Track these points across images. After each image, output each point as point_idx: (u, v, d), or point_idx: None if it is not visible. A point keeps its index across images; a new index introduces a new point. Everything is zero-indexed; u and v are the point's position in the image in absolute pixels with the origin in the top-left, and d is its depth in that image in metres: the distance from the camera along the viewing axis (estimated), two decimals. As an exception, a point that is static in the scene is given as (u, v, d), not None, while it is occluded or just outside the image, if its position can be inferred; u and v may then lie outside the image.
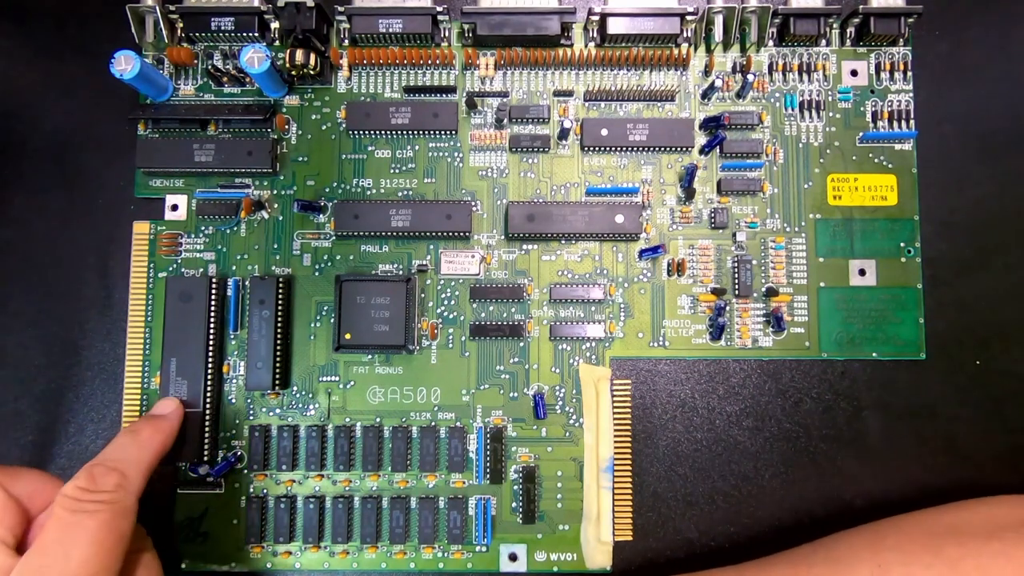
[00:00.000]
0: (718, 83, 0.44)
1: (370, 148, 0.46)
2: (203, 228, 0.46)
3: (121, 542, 0.34)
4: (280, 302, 0.44)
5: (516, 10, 0.44)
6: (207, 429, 0.43)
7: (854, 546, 0.38)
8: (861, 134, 0.46)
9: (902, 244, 0.46)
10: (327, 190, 0.46)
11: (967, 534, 0.36)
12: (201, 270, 0.45)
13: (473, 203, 0.46)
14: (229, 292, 0.45)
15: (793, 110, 0.46)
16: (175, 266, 0.45)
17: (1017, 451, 0.45)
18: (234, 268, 0.45)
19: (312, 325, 0.45)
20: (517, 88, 0.46)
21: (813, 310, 0.45)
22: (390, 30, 0.44)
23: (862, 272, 0.45)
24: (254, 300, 0.44)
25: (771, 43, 0.47)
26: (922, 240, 0.46)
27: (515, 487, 0.44)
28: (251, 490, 0.44)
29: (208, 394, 0.43)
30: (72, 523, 0.32)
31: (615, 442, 0.43)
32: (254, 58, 0.42)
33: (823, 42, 0.47)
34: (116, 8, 0.45)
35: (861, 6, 0.45)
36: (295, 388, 0.44)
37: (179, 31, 0.46)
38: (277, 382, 0.43)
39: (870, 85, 0.47)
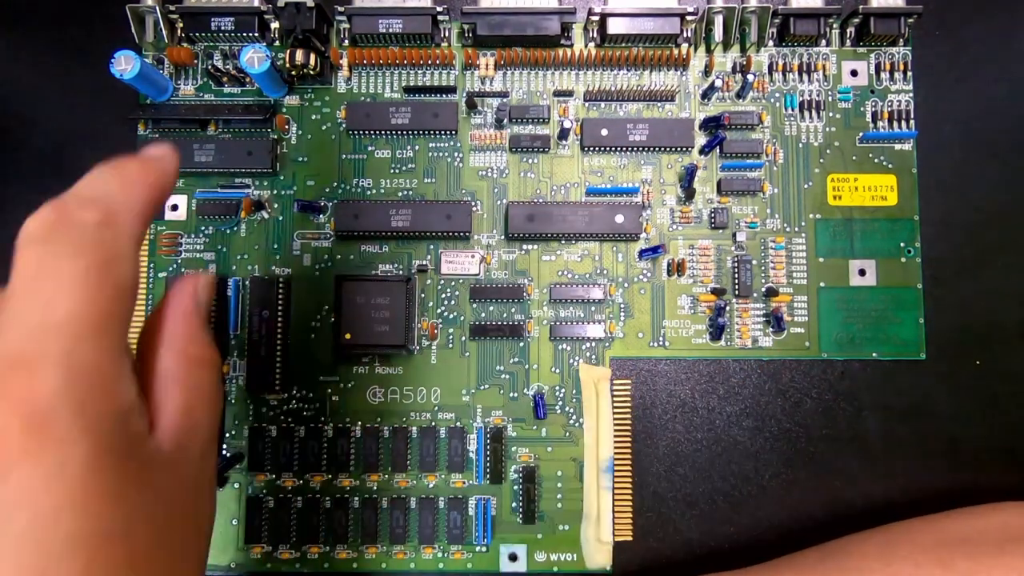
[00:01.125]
0: (718, 83, 0.44)
1: (370, 148, 0.46)
2: (203, 228, 0.46)
3: (124, 295, 0.24)
4: (280, 302, 0.44)
5: (516, 10, 0.44)
6: (207, 429, 0.43)
7: (865, 555, 0.38)
8: (861, 134, 0.46)
9: (902, 244, 0.46)
10: (327, 190, 0.46)
11: (979, 545, 0.36)
12: (201, 270, 0.45)
13: (473, 203, 0.46)
14: (229, 292, 0.45)
15: (793, 110, 0.46)
16: (175, 266, 0.45)
17: (1017, 451, 0.45)
18: (234, 268, 0.45)
19: (312, 325, 0.45)
20: (517, 88, 0.46)
21: (813, 310, 0.45)
22: (390, 30, 0.44)
23: (862, 272, 0.45)
24: (254, 300, 0.44)
25: (771, 43, 0.47)
26: (922, 240, 0.46)
27: (515, 487, 0.44)
28: (251, 490, 0.44)
29: (208, 394, 0.43)
30: (48, 265, 0.23)
31: (615, 442, 0.43)
32: (254, 58, 0.42)
33: (823, 42, 0.47)
34: (116, 8, 0.45)
35: (861, 6, 0.45)
36: (295, 388, 0.44)
37: (179, 31, 0.46)
38: (277, 382, 0.43)
39: (870, 85, 0.47)
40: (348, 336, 0.43)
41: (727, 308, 0.45)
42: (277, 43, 0.46)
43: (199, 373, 0.28)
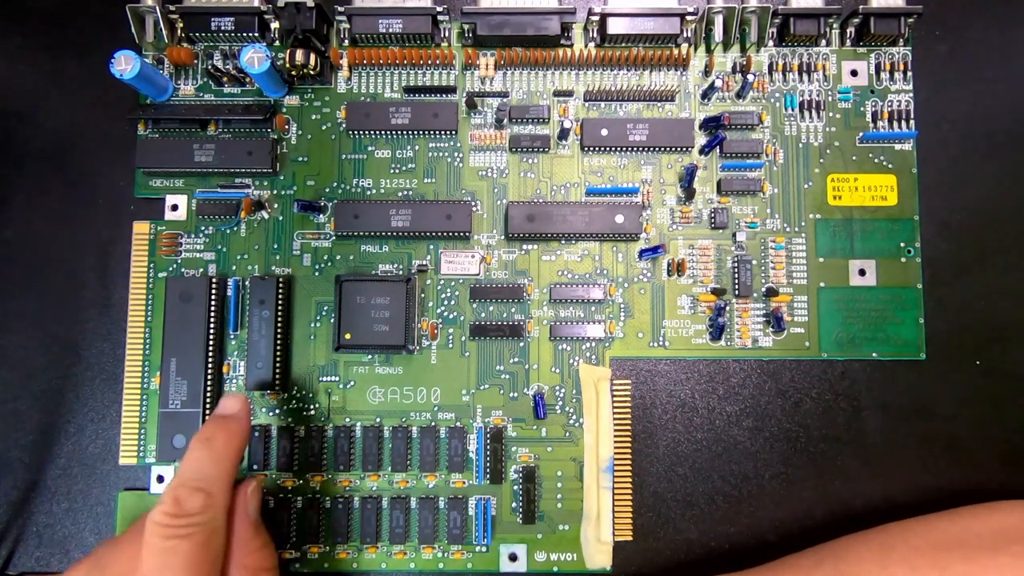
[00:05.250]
0: (718, 83, 0.44)
1: (370, 148, 0.46)
2: (203, 228, 0.46)
3: (216, 561, 0.34)
4: (280, 302, 0.44)
5: (516, 10, 0.44)
6: (207, 429, 0.43)
7: (861, 558, 0.38)
8: (861, 134, 0.46)
9: (902, 244, 0.46)
10: (327, 190, 0.46)
11: (975, 548, 0.36)
12: (201, 270, 0.45)
13: (473, 203, 0.46)
14: (229, 292, 0.45)
15: (793, 110, 0.46)
16: (175, 266, 0.45)
17: (1017, 451, 0.45)
18: (234, 268, 0.45)
19: (312, 325, 0.45)
20: (517, 88, 0.46)
21: (813, 310, 0.45)
22: (390, 30, 0.44)
23: (862, 272, 0.45)
24: (254, 300, 0.44)
25: (771, 43, 0.47)
26: (922, 240, 0.46)
27: (515, 487, 0.44)
28: (251, 490, 0.44)
29: (208, 394, 0.43)
30: (167, 549, 0.32)
31: (615, 442, 0.43)
32: (254, 58, 0.42)
33: (823, 42, 0.47)
34: (116, 8, 0.45)
35: (861, 6, 0.45)
36: (295, 388, 0.44)
37: (179, 31, 0.46)
38: (277, 382, 0.43)
39: (870, 85, 0.47)
40: (348, 336, 0.43)
41: (727, 308, 0.45)
42: (277, 43, 0.46)
43: None
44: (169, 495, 0.34)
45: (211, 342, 0.43)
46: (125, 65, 0.42)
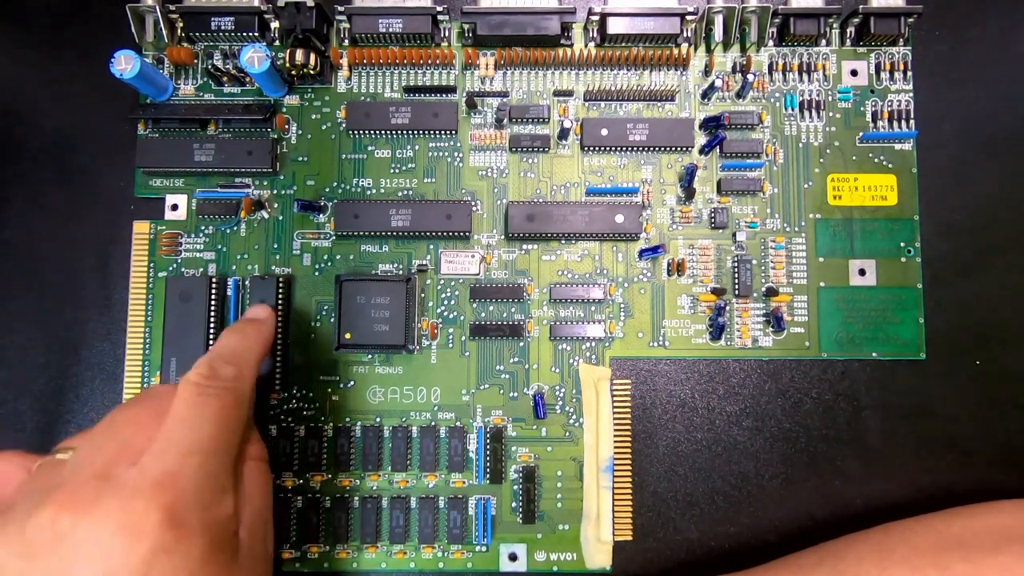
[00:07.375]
0: (718, 83, 0.44)
1: (370, 148, 0.46)
2: (203, 228, 0.46)
3: (240, 426, 0.35)
4: (280, 302, 0.44)
5: (516, 10, 0.44)
6: (207, 429, 0.43)
7: (861, 558, 0.38)
8: (861, 134, 0.46)
9: (902, 244, 0.46)
10: (327, 190, 0.46)
11: (975, 547, 0.36)
12: (201, 270, 0.45)
13: (473, 203, 0.46)
14: (229, 292, 0.45)
15: (793, 110, 0.46)
16: (175, 266, 0.45)
17: (1017, 451, 0.45)
18: (234, 268, 0.45)
19: (312, 325, 0.45)
20: (517, 88, 0.46)
21: (813, 310, 0.45)
22: (390, 30, 0.44)
23: (862, 272, 0.45)
24: (254, 300, 0.44)
25: (771, 43, 0.47)
26: (922, 240, 0.46)
27: (515, 487, 0.44)
28: (251, 490, 0.44)
29: (208, 394, 0.43)
30: (198, 403, 0.33)
31: (615, 442, 0.43)
32: (254, 58, 0.42)
33: (823, 42, 0.47)
34: (116, 8, 0.45)
35: (861, 6, 0.45)
36: (295, 388, 0.44)
37: (179, 31, 0.46)
38: (277, 382, 0.43)
39: (870, 85, 0.47)
40: (348, 336, 0.43)
41: (727, 308, 0.45)
42: (277, 43, 0.46)
43: (254, 467, 0.36)
44: (204, 363, 0.35)
45: (211, 342, 0.43)
46: (125, 65, 0.42)
